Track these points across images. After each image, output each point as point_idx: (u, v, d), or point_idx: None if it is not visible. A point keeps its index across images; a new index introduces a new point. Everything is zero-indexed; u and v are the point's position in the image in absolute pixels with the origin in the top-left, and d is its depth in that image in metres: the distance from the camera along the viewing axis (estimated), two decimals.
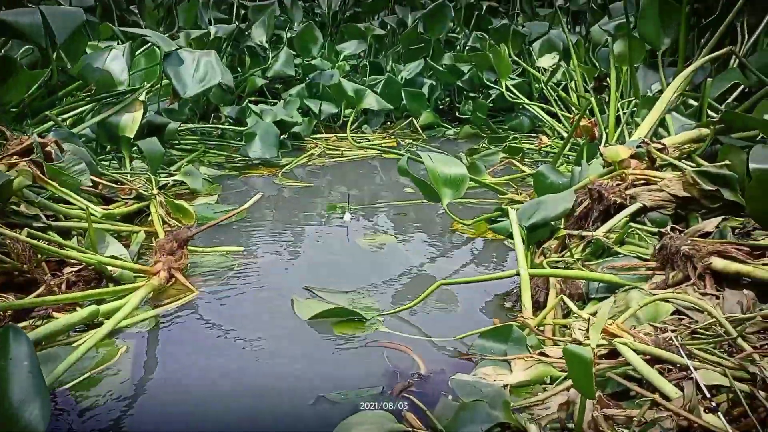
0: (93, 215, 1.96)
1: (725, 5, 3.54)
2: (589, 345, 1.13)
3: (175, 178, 2.82)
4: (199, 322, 1.69)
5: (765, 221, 1.59)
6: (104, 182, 2.35)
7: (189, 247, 1.95)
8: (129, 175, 2.59)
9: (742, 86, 2.96)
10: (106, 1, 4.09)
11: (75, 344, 1.44)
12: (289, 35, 4.77)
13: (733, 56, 3.23)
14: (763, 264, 1.44)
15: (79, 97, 2.86)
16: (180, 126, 3.41)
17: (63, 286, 1.72)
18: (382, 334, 1.61)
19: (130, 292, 1.70)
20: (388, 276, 2.03)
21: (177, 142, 3.42)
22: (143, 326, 1.62)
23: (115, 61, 2.60)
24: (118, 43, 3.09)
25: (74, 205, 2.04)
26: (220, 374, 1.44)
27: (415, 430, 1.17)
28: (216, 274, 1.98)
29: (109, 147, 2.91)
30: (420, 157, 2.31)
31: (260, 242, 2.34)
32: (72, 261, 1.80)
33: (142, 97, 2.83)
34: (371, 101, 3.79)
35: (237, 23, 4.48)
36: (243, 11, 4.69)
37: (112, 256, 1.86)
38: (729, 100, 2.93)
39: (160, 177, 2.77)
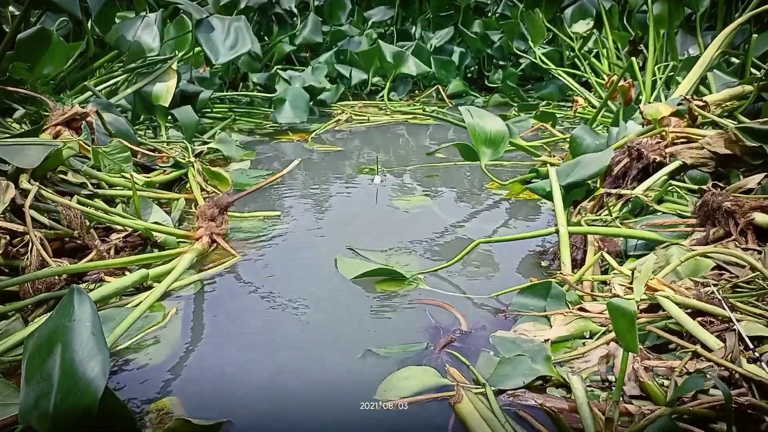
0: (135, 183, 2.01)
1: None
2: (632, 299, 1.13)
3: (210, 145, 2.86)
4: (242, 285, 1.73)
5: None
6: (143, 151, 2.40)
7: (229, 213, 1.99)
8: (165, 144, 2.63)
9: None
10: None
11: (127, 306, 1.50)
12: (316, 2, 4.74)
13: None
14: None
15: (113, 67, 2.91)
16: (211, 95, 3.45)
17: (111, 252, 1.78)
18: (422, 291, 1.64)
19: (175, 257, 1.75)
20: (424, 236, 2.05)
21: (209, 110, 3.46)
22: (189, 290, 1.67)
23: (146, 30, 2.62)
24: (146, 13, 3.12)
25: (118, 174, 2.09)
26: (265, 333, 1.48)
27: (459, 383, 1.20)
28: (255, 239, 2.02)
29: (143, 116, 2.96)
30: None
31: (295, 206, 2.38)
32: (118, 227, 1.86)
33: (174, 66, 2.86)
34: (410, 65, 3.76)
35: None
36: None
37: (156, 223, 1.91)
38: None
39: (195, 145, 2.82)
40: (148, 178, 2.23)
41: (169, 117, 2.83)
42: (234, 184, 2.40)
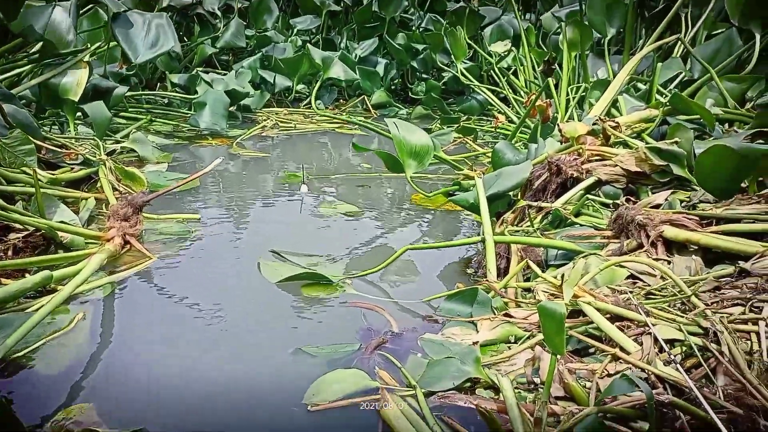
0: (39, 180, 1.86)
1: None
2: (561, 302, 1.17)
3: (123, 145, 2.71)
4: (157, 289, 1.64)
5: (712, 189, 1.69)
6: (48, 146, 2.23)
7: (143, 215, 1.88)
8: (74, 140, 2.46)
9: (683, 74, 3.11)
10: None
11: (28, 311, 1.37)
12: (239, 5, 4.63)
13: (676, 46, 3.39)
14: (710, 232, 1.52)
15: (18, 56, 2.70)
16: (126, 92, 3.28)
17: (9, 252, 1.63)
18: (349, 296, 1.62)
19: (83, 259, 1.63)
20: (350, 244, 2.03)
21: (124, 109, 3.28)
22: (99, 293, 1.56)
23: (60, 20, 2.44)
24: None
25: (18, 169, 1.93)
26: (182, 338, 1.40)
27: (384, 388, 1.18)
28: (173, 241, 1.92)
29: (49, 111, 2.76)
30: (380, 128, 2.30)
31: (216, 211, 2.29)
32: (17, 226, 1.71)
33: (86, 59, 2.69)
34: (338, 70, 3.74)
35: None
36: None
37: (62, 222, 1.77)
38: (671, 87, 3.07)
39: (107, 143, 2.66)
40: (53, 175, 2.08)
41: (79, 113, 2.66)
42: (149, 185, 2.28)
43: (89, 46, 2.87)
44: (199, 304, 1.55)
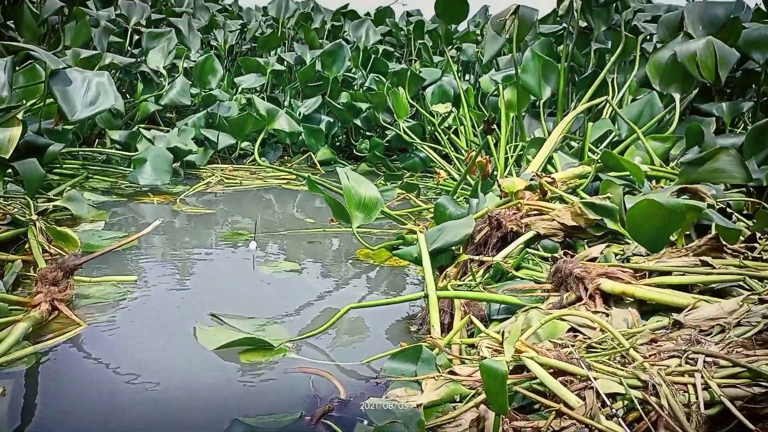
0: None
1: (596, 65, 3.98)
2: (502, 359, 1.17)
3: (56, 203, 2.60)
4: (86, 358, 1.55)
5: (643, 242, 1.76)
6: None
7: (75, 277, 1.80)
8: (2, 199, 2.35)
9: (613, 133, 3.29)
10: None
11: None
12: (185, 65, 4.65)
13: (605, 108, 3.61)
14: (644, 284, 1.58)
15: None
16: (62, 149, 3.18)
17: None
18: (290, 360, 1.57)
19: (6, 327, 1.52)
20: (292, 303, 1.99)
21: (58, 165, 3.17)
22: (21, 365, 1.45)
23: None
24: None
25: None
26: (110, 412, 1.32)
27: None
28: (105, 306, 1.83)
29: None
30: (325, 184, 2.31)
31: (154, 272, 2.21)
32: None
33: (20, 116, 2.60)
34: (283, 122, 3.75)
35: (130, 49, 4.31)
36: (137, 36, 4.51)
37: None
38: (602, 145, 3.24)
39: (38, 202, 2.55)
40: None
41: (9, 170, 2.55)
42: (83, 246, 2.19)
43: (24, 102, 2.79)
44: (133, 374, 1.47)
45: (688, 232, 1.87)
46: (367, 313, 1.94)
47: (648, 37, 3.77)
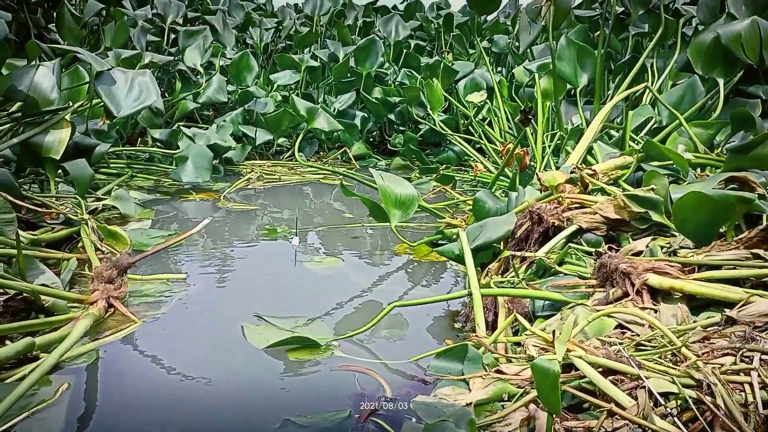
0: (20, 241, 1.83)
1: (634, 49, 3.89)
2: (554, 359, 1.17)
3: (105, 202, 2.69)
4: (142, 355, 1.60)
5: (690, 236, 1.73)
6: (28, 206, 2.20)
7: (128, 275, 1.86)
8: (54, 199, 2.44)
9: (653, 120, 3.22)
10: (22, 18, 3.89)
11: (8, 381, 1.33)
12: (221, 63, 4.71)
13: (644, 95, 3.53)
14: (693, 279, 1.55)
15: None
16: (108, 149, 3.27)
17: None
18: (338, 359, 1.60)
19: (66, 324, 1.59)
20: (336, 300, 2.02)
21: (104, 165, 3.27)
22: (82, 361, 1.52)
23: (43, 79, 2.45)
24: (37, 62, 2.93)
25: None
26: (168, 408, 1.37)
27: None
28: (158, 303, 1.89)
29: (29, 169, 2.73)
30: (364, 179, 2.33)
31: (200, 269, 2.27)
32: None
33: (68, 117, 2.69)
34: (322, 121, 3.79)
35: (167, 48, 4.39)
36: (173, 35, 4.59)
37: (43, 285, 1.73)
38: (642, 133, 3.18)
39: (88, 201, 2.63)
40: (34, 235, 2.05)
41: (60, 171, 2.64)
42: (133, 244, 2.26)
43: (71, 104, 2.88)
44: (186, 372, 1.51)
45: (737, 223, 1.82)
46: (409, 309, 1.95)
47: (688, 21, 3.67)
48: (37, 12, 4.03)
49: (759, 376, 1.12)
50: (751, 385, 1.11)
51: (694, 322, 1.43)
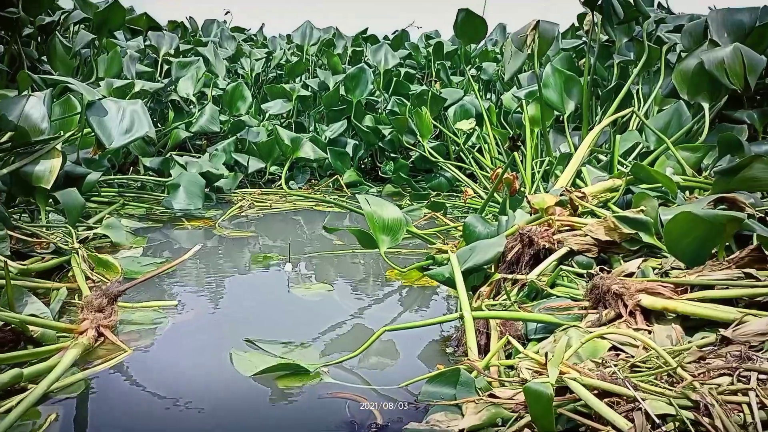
0: (9, 271, 1.81)
1: (618, 77, 3.96)
2: (547, 382, 1.16)
3: (96, 231, 2.67)
4: (132, 384, 1.58)
5: (681, 256, 1.73)
6: (18, 236, 2.19)
7: (118, 303, 1.84)
8: (45, 229, 2.42)
9: (641, 145, 3.26)
10: (15, 50, 3.91)
11: None
12: (214, 93, 4.76)
13: (631, 120, 3.58)
14: (686, 299, 1.55)
15: None
16: (99, 178, 3.27)
17: None
18: (328, 385, 1.57)
19: (55, 353, 1.56)
20: (325, 325, 2.00)
21: (96, 194, 3.26)
22: (71, 391, 1.49)
23: (34, 109, 2.45)
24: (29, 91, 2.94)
25: None
26: None
27: None
28: (148, 331, 1.87)
29: (19, 199, 2.72)
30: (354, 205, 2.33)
31: (191, 295, 2.25)
32: None
33: (59, 147, 2.68)
34: (308, 149, 3.82)
35: (159, 78, 4.42)
36: (167, 66, 4.64)
37: (32, 315, 1.71)
38: (631, 157, 3.21)
39: (79, 230, 2.62)
40: (23, 265, 2.03)
41: (51, 200, 2.63)
42: (123, 272, 2.24)
43: (62, 133, 2.88)
44: (176, 400, 1.49)
45: (727, 244, 1.84)
46: (400, 335, 1.94)
47: (672, 48, 3.75)
48: (29, 44, 4.06)
49: (757, 396, 1.11)
50: (749, 405, 1.10)
51: (689, 342, 1.42)
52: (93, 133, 2.65)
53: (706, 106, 3.04)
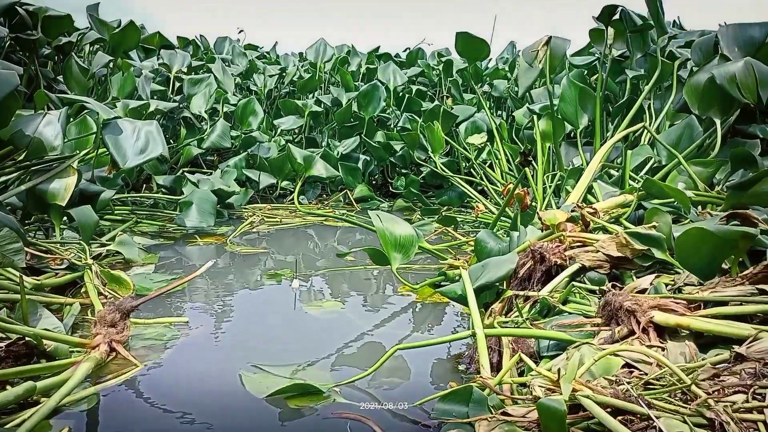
0: (24, 286, 1.83)
1: (631, 92, 3.96)
2: (561, 399, 1.15)
3: (109, 247, 2.70)
4: (143, 399, 1.58)
5: (694, 272, 1.72)
6: (32, 252, 2.22)
7: (131, 319, 1.85)
8: (59, 245, 2.45)
9: (652, 160, 3.25)
10: (33, 71, 3.99)
11: (8, 426, 1.31)
12: (225, 109, 4.81)
13: (642, 135, 3.57)
14: (699, 316, 1.54)
15: (5, 163, 2.73)
16: (113, 196, 3.31)
17: None
18: (339, 405, 1.57)
19: (68, 368, 1.58)
20: (337, 343, 2.00)
21: (110, 211, 3.30)
22: (83, 405, 1.50)
23: (48, 127, 2.50)
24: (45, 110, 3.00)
25: (1, 275, 1.91)
26: None
27: None
28: (160, 347, 1.87)
29: (35, 216, 2.76)
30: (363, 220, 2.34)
31: (205, 312, 2.26)
32: None
33: (75, 165, 2.73)
34: (320, 167, 3.84)
35: (172, 96, 4.49)
36: (179, 83, 4.71)
37: (46, 329, 1.73)
38: (642, 173, 3.20)
39: (92, 247, 2.65)
40: (37, 281, 2.05)
41: (65, 217, 2.66)
42: (136, 289, 2.26)
43: (78, 152, 2.93)
44: (186, 417, 1.49)
45: (741, 260, 1.82)
46: (412, 352, 1.93)
47: (683, 64, 3.75)
48: (47, 65, 4.14)
49: None
50: (765, 423, 1.09)
51: (703, 359, 1.41)
52: (108, 152, 2.69)
53: (717, 120, 3.02)
